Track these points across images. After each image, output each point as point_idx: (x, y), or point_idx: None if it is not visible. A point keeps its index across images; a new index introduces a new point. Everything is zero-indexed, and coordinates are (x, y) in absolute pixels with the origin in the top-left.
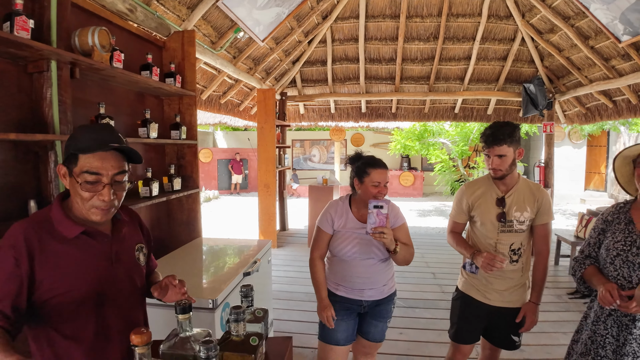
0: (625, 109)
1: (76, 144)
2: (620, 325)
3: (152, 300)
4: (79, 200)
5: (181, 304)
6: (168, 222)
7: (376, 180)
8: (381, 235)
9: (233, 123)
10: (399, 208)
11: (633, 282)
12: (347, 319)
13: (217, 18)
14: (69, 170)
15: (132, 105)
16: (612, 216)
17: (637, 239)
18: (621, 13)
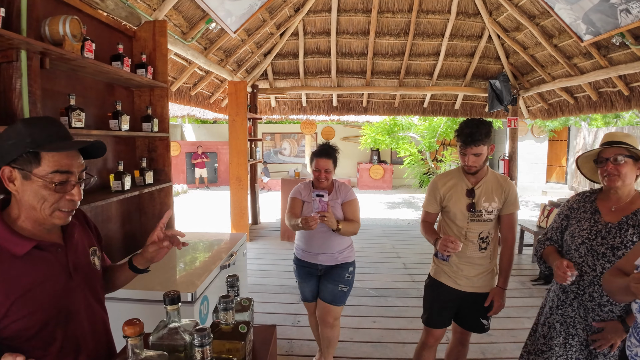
0: (585, 105)
1: (33, 140)
2: (586, 309)
3: (135, 296)
4: (38, 204)
5: (170, 295)
6: (139, 216)
7: (316, 167)
8: (323, 219)
9: (202, 115)
10: (351, 188)
11: (597, 271)
12: (308, 281)
13: (188, 8)
14: (25, 172)
15: (101, 96)
16: (577, 204)
17: (603, 228)
18: (584, 13)
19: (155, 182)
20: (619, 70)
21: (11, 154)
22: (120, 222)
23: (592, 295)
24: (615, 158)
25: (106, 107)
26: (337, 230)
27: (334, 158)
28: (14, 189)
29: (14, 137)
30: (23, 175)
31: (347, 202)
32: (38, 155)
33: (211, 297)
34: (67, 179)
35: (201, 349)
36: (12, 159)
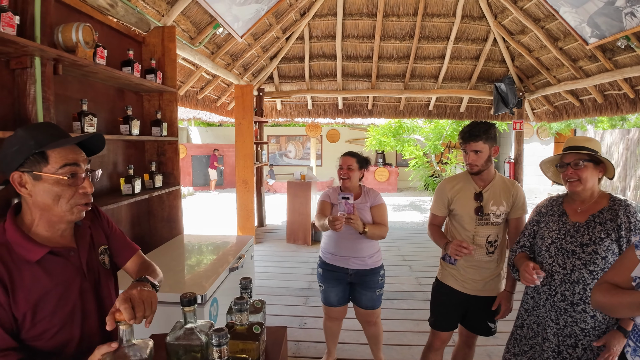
0: (591, 108)
1: (38, 143)
2: (559, 310)
3: None
4: (54, 202)
5: (187, 296)
6: (148, 219)
7: (340, 165)
8: (349, 221)
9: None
10: (380, 194)
11: (567, 269)
12: (337, 287)
13: (196, 13)
14: (34, 173)
15: (112, 101)
16: (545, 208)
17: (571, 228)
18: (589, 17)
19: (164, 185)
20: (624, 73)
21: (17, 159)
22: (130, 224)
23: (565, 294)
24: (576, 163)
25: (116, 112)
26: (363, 233)
27: (359, 158)
28: (27, 193)
29: (16, 143)
30: (33, 177)
31: (375, 206)
32: (45, 155)
33: (220, 298)
34: (77, 171)
35: (219, 348)
36: (19, 164)
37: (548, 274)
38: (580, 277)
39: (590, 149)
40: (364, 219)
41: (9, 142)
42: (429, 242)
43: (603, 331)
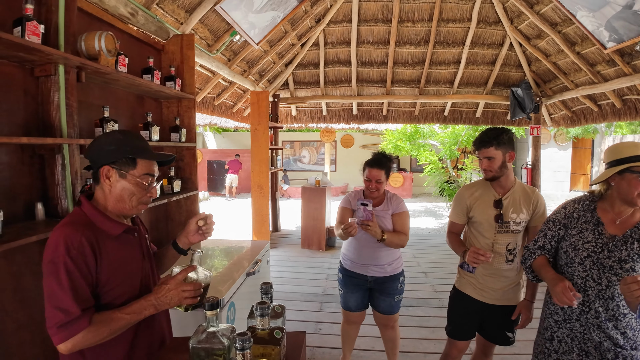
0: (609, 113)
1: (132, 149)
2: (591, 327)
3: None
4: (127, 197)
5: (209, 300)
6: (166, 223)
7: (367, 177)
8: (366, 227)
9: (223, 124)
10: (403, 200)
11: (602, 284)
12: (356, 292)
13: (213, 21)
14: (122, 172)
15: (132, 108)
16: (577, 213)
17: (609, 241)
18: (607, 21)
19: (182, 190)
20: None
21: (111, 156)
22: (148, 228)
23: (598, 310)
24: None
25: (136, 118)
26: (381, 241)
27: (387, 168)
28: (108, 185)
29: (114, 143)
30: (119, 174)
31: (397, 214)
32: (135, 161)
33: (237, 303)
34: (152, 181)
35: (242, 352)
36: (112, 161)
37: (581, 288)
38: (616, 294)
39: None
40: (384, 226)
41: (106, 141)
42: (445, 249)
43: (638, 345)
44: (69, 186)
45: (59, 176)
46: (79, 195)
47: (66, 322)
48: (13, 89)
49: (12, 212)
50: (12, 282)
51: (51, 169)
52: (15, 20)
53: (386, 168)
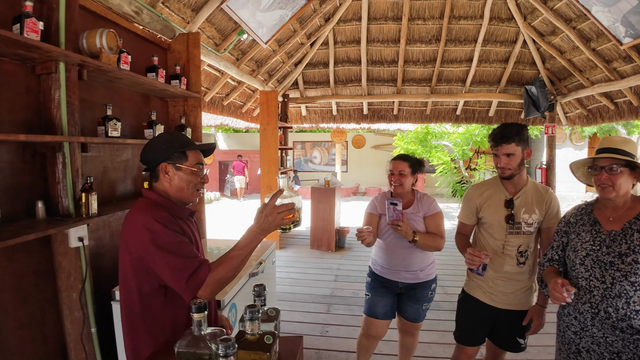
0: (626, 111)
1: (181, 144)
2: (606, 328)
3: None
4: (186, 186)
5: (196, 303)
6: None
7: (391, 170)
8: (397, 228)
9: (234, 125)
10: (435, 200)
11: (606, 282)
12: (385, 297)
13: (220, 20)
14: (177, 165)
15: (137, 106)
16: (574, 218)
17: (606, 238)
18: (622, 15)
19: None
20: None
21: (166, 153)
22: None
23: (607, 311)
24: (611, 167)
25: (142, 117)
26: (413, 242)
27: (412, 163)
28: (168, 178)
29: (165, 142)
30: (175, 168)
31: (430, 216)
32: (185, 154)
33: (239, 304)
34: (202, 169)
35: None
36: (167, 157)
37: (586, 290)
38: (622, 291)
39: (628, 152)
40: (415, 229)
41: (157, 141)
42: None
43: None
44: (70, 184)
45: (59, 174)
46: (79, 194)
47: (196, 268)
48: (15, 87)
49: (13, 210)
50: (13, 280)
51: (52, 167)
52: (14, 18)
53: (410, 162)
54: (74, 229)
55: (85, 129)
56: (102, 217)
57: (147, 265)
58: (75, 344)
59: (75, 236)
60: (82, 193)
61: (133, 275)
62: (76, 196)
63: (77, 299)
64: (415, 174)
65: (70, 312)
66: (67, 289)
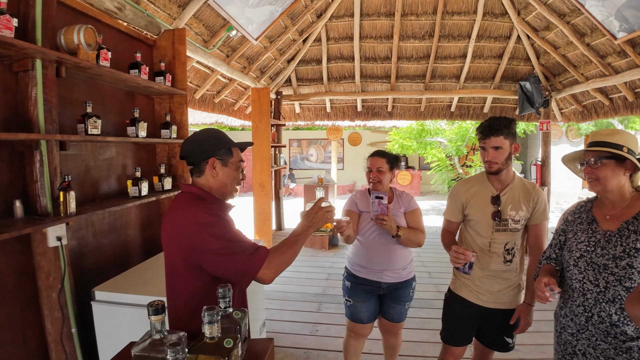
0: (621, 107)
1: (226, 143)
2: (600, 332)
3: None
4: (229, 182)
5: (153, 305)
6: (159, 222)
7: (368, 167)
8: (382, 222)
9: (230, 123)
10: (413, 197)
11: (600, 286)
12: (368, 301)
13: (209, 16)
14: (224, 161)
15: (121, 104)
16: (572, 215)
17: (602, 238)
18: (617, 10)
19: (173, 187)
20: None
21: (214, 149)
22: (139, 227)
23: (600, 315)
24: (593, 161)
25: (126, 115)
26: (396, 237)
27: (389, 157)
28: (214, 173)
29: (212, 138)
30: (222, 163)
31: (410, 212)
32: (231, 150)
33: None
34: (242, 166)
35: None
36: (215, 153)
37: (580, 293)
38: (616, 296)
39: (614, 144)
40: (397, 224)
41: (204, 137)
42: None
43: None
44: (47, 183)
45: (37, 173)
46: (57, 193)
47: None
48: None
49: None
50: None
51: (30, 165)
52: None
53: (388, 158)
54: (52, 228)
55: (65, 127)
56: (82, 215)
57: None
58: (55, 344)
59: (54, 235)
60: (60, 192)
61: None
62: (54, 195)
63: (56, 299)
64: (393, 170)
65: (51, 312)
66: (47, 289)
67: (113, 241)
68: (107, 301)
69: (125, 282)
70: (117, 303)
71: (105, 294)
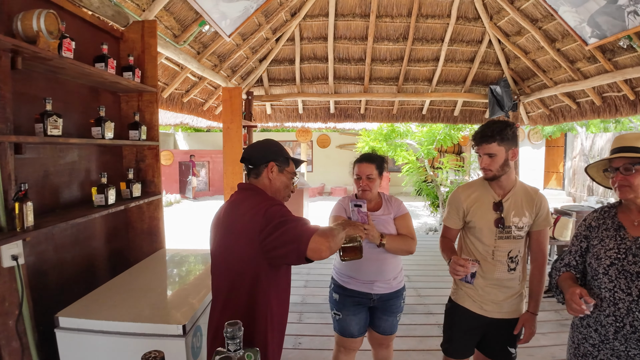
0: (589, 110)
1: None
2: (633, 342)
3: (111, 328)
4: (283, 189)
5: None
6: (127, 232)
7: (357, 174)
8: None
9: (195, 124)
10: (402, 201)
11: (633, 295)
12: (358, 314)
13: (180, 9)
14: (282, 168)
15: (85, 101)
16: (596, 221)
17: (632, 245)
18: (590, 16)
19: (143, 194)
20: (625, 74)
21: (276, 156)
22: (105, 239)
23: (634, 324)
24: (626, 167)
25: (90, 114)
26: (381, 245)
27: (379, 163)
28: (271, 177)
29: (276, 146)
30: (279, 170)
31: (400, 217)
32: (288, 161)
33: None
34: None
35: None
36: (276, 159)
37: (610, 302)
38: None
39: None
40: (387, 232)
41: (267, 144)
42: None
43: None
44: (0, 193)
45: None
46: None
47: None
48: None
49: None
50: None
51: None
52: None
53: (377, 163)
54: (6, 246)
55: (21, 127)
56: (42, 229)
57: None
58: None
59: (8, 254)
60: (15, 203)
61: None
62: (8, 207)
63: (14, 328)
64: (381, 175)
65: (8, 342)
66: (2, 316)
67: (77, 256)
68: (73, 328)
69: (94, 305)
70: (85, 330)
71: (71, 320)
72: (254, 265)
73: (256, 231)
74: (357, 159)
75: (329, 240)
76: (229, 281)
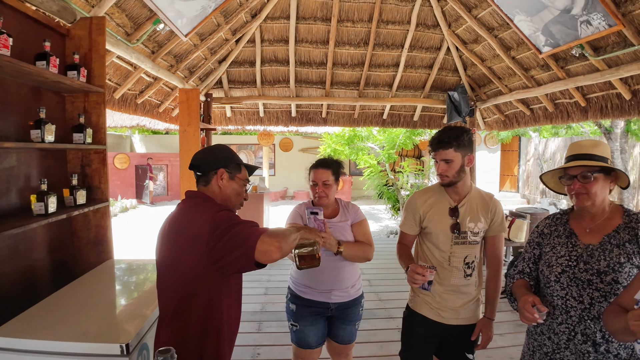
0: (542, 117)
1: (238, 160)
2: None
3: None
4: (234, 197)
5: None
6: (72, 242)
7: (313, 180)
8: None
9: (152, 126)
10: (359, 207)
11: (585, 302)
12: (316, 324)
13: (133, 6)
14: (233, 174)
15: (24, 102)
16: (548, 228)
17: (583, 252)
18: (544, 25)
19: (88, 202)
20: (577, 81)
21: (226, 162)
22: (47, 249)
23: (585, 333)
24: (584, 175)
25: (30, 115)
26: (338, 253)
27: (335, 169)
28: (221, 184)
29: (226, 152)
30: (230, 177)
31: (357, 223)
32: (240, 167)
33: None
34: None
35: None
36: (226, 165)
37: (562, 310)
38: (602, 312)
39: (600, 156)
40: (344, 239)
41: (218, 150)
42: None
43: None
44: None
45: None
46: None
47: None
48: None
49: None
50: None
51: None
52: None
53: (333, 169)
54: None
55: None
56: None
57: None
58: None
59: None
60: None
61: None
62: None
63: None
64: (338, 180)
65: None
66: None
67: (15, 269)
68: (10, 349)
69: (34, 322)
70: (24, 351)
71: (7, 340)
72: (202, 282)
73: (203, 242)
74: (312, 164)
75: (279, 240)
76: (176, 300)
